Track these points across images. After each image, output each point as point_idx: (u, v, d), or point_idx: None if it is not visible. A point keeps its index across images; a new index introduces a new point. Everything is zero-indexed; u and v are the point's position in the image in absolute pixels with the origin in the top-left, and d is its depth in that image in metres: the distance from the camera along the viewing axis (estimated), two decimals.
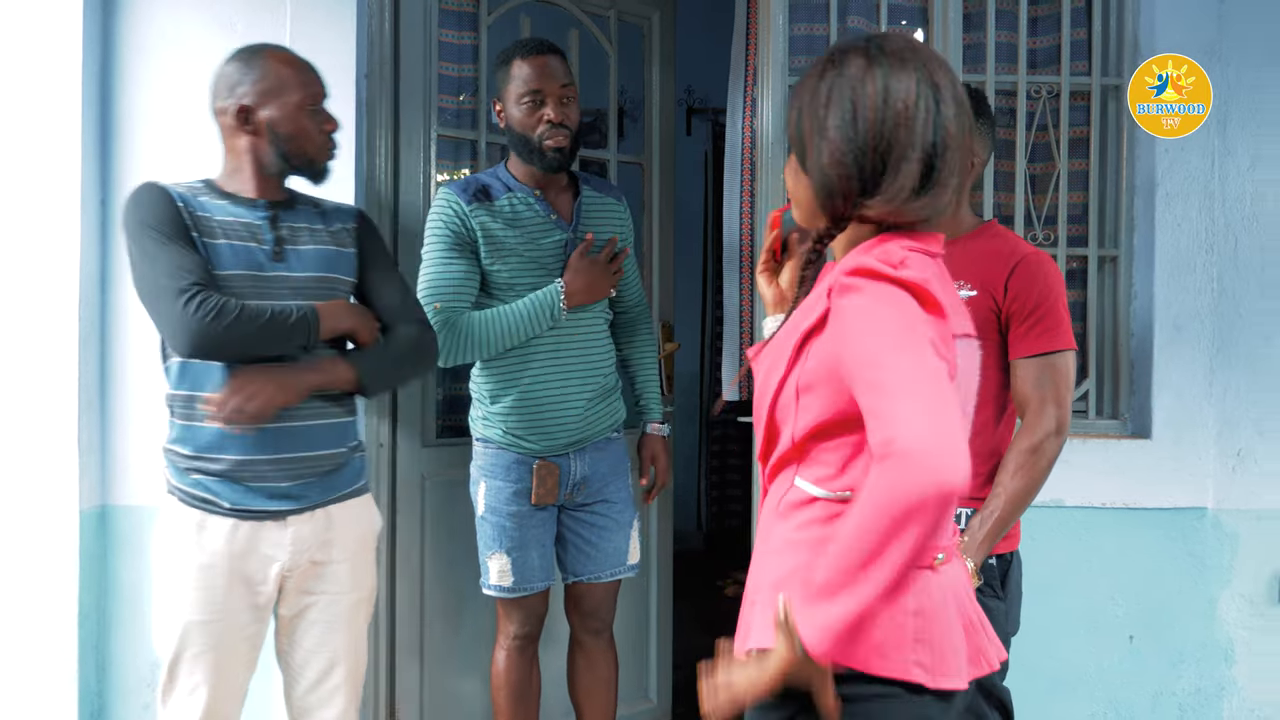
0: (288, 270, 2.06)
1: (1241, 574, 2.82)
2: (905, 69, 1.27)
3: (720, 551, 5.54)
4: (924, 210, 1.29)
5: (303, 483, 2.06)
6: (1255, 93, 2.80)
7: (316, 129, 2.08)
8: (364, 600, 2.19)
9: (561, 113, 2.43)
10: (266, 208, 2.08)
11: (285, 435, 2.02)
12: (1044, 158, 2.94)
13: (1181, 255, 2.81)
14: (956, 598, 1.33)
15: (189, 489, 2.01)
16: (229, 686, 2.05)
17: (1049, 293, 1.96)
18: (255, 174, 2.07)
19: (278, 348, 1.99)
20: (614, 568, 2.58)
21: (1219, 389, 2.81)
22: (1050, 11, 2.95)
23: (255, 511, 2.02)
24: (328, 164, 2.14)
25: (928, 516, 1.09)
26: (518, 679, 2.56)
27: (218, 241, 2.00)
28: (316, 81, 2.10)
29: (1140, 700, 2.83)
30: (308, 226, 2.12)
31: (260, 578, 2.04)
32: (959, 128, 1.29)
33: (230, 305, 1.92)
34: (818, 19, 2.91)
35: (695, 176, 5.69)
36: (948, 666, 1.27)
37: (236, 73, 2.05)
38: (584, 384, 2.50)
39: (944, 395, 1.13)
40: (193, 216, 2.00)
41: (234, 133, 2.06)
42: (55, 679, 2.60)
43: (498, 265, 2.44)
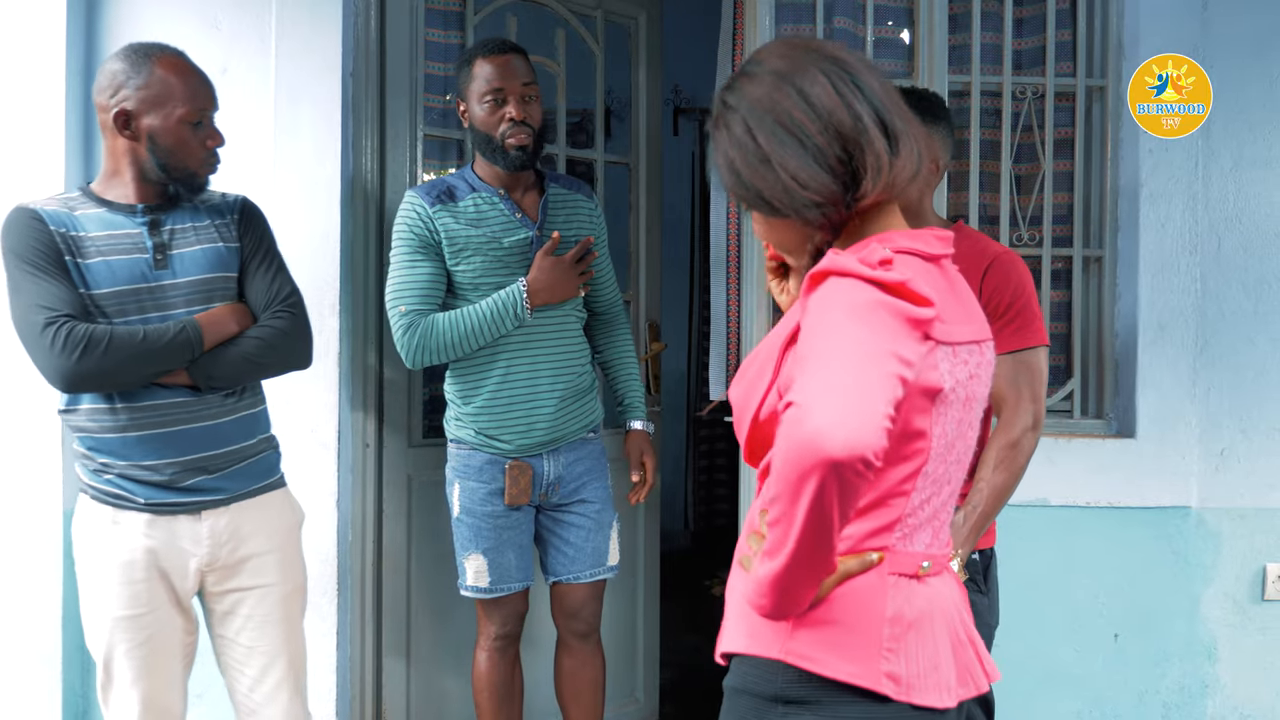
0: (173, 277, 2.02)
1: (1225, 572, 2.84)
2: (794, 64, 1.26)
3: (707, 551, 5.54)
4: (908, 167, 1.27)
5: (214, 477, 2.05)
6: (1238, 94, 2.82)
7: (199, 144, 2.02)
8: (295, 592, 2.18)
9: (524, 111, 2.43)
10: (145, 213, 2.02)
11: (193, 435, 2.02)
12: (1029, 159, 2.96)
13: (1165, 256, 2.82)
14: (945, 613, 1.29)
15: (102, 487, 2.01)
16: (165, 678, 2.06)
17: (1021, 290, 1.99)
18: (134, 179, 2.02)
19: (159, 367, 1.95)
20: (594, 568, 2.57)
21: (1202, 388, 2.82)
22: (1035, 13, 2.96)
23: (169, 505, 2.02)
24: (207, 179, 2.09)
25: (816, 478, 1.06)
26: (499, 679, 2.56)
27: (93, 261, 1.96)
28: (204, 94, 2.03)
29: (1125, 698, 2.84)
30: (192, 225, 2.07)
31: (180, 572, 2.04)
32: (886, 91, 1.27)
33: (98, 334, 1.89)
34: (804, 20, 2.92)
35: (682, 176, 5.69)
36: (925, 681, 1.23)
37: (123, 73, 1.98)
38: (555, 383, 2.49)
39: (862, 363, 1.11)
40: (67, 239, 1.95)
41: (114, 135, 2.00)
42: (39, 679, 2.58)
43: (462, 265, 2.44)
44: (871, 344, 1.13)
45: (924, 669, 1.23)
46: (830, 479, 1.06)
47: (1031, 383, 1.97)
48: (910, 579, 1.26)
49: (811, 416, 1.07)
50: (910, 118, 1.29)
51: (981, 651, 1.35)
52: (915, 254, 1.27)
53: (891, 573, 1.25)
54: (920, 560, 1.27)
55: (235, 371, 2.04)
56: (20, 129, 2.57)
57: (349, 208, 2.73)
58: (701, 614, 4.52)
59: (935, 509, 1.30)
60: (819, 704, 1.22)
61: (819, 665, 1.21)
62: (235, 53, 2.66)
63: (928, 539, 1.30)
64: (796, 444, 1.08)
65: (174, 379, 1.99)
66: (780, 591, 1.18)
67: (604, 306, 2.70)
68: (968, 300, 1.34)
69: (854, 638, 1.22)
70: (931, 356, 1.21)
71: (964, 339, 1.28)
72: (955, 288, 1.32)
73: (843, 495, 1.08)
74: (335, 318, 2.68)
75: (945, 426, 1.26)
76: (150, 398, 1.98)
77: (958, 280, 1.35)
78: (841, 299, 1.17)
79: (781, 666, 1.24)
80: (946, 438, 1.27)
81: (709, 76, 3.11)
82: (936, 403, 1.24)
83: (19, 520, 2.57)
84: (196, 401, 2.02)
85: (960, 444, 1.31)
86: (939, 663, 1.25)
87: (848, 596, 1.23)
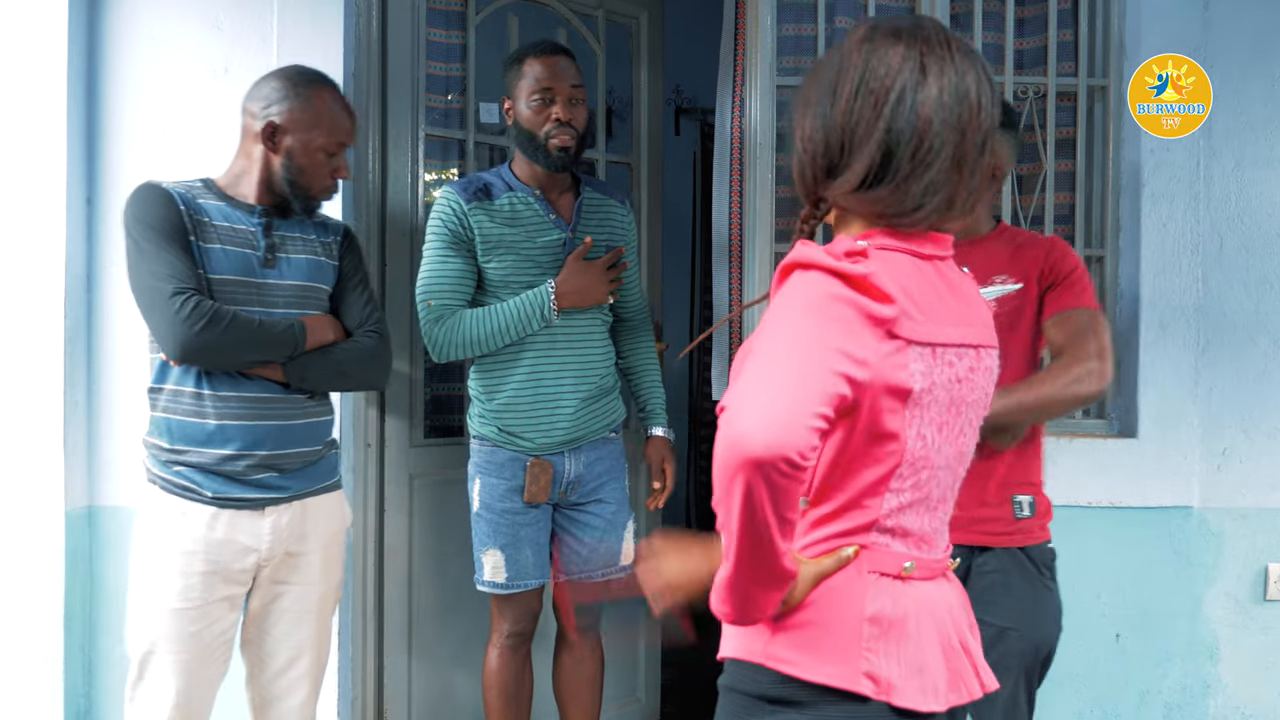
0: (278, 278, 2.11)
1: (1227, 572, 2.84)
2: (893, 48, 1.22)
3: None
4: (884, 203, 1.23)
5: (281, 475, 2.11)
6: (1240, 93, 2.82)
7: (327, 172, 2.14)
8: (331, 592, 2.24)
9: (570, 112, 2.46)
10: (262, 214, 2.12)
11: (268, 432, 2.08)
12: (1031, 158, 2.96)
13: (1167, 255, 2.82)
14: (935, 617, 1.27)
15: (170, 478, 2.05)
16: (201, 680, 2.07)
17: (1079, 264, 2.07)
18: (260, 183, 2.13)
19: (264, 356, 2.04)
20: (605, 568, 2.58)
21: (1204, 388, 2.82)
22: (1037, 13, 2.96)
23: (235, 500, 2.06)
24: (321, 204, 2.21)
25: (741, 479, 1.06)
26: (510, 678, 2.56)
27: (212, 246, 2.05)
28: (348, 130, 2.16)
29: (1126, 698, 2.84)
30: (300, 236, 2.18)
31: (239, 567, 2.08)
32: (946, 120, 1.21)
33: (222, 312, 1.97)
34: (805, 19, 2.92)
35: (684, 176, 5.69)
36: (908, 683, 1.21)
37: (281, 91, 2.11)
38: (579, 383, 2.50)
39: (795, 362, 1.10)
40: (192, 220, 2.04)
41: (254, 140, 2.11)
42: (41, 680, 2.58)
43: (493, 263, 2.45)
44: (813, 341, 1.12)
45: (907, 670, 1.22)
46: (755, 479, 1.06)
47: (1099, 337, 1.96)
48: (893, 579, 1.24)
49: (738, 418, 1.08)
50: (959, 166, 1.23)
51: (977, 658, 1.32)
52: (904, 251, 1.24)
53: (871, 571, 1.23)
54: (903, 560, 1.25)
55: (325, 377, 2.14)
56: (21, 129, 2.57)
57: (351, 208, 2.73)
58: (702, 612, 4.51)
59: (922, 516, 1.28)
60: (802, 704, 1.21)
61: (797, 668, 1.21)
62: (237, 53, 2.66)
63: (914, 543, 1.27)
64: (724, 444, 1.08)
65: (268, 372, 2.07)
66: (734, 596, 1.18)
67: (630, 313, 2.71)
68: (968, 303, 1.31)
69: (832, 638, 1.21)
70: (900, 356, 1.19)
71: (950, 341, 1.24)
72: (953, 289, 1.29)
73: (772, 496, 1.08)
74: None
75: (924, 429, 1.23)
76: (237, 388, 2.05)
77: (959, 283, 1.32)
78: (798, 295, 1.16)
79: (764, 669, 1.24)
80: (927, 441, 1.24)
81: (710, 76, 3.11)
82: (909, 404, 1.21)
83: (21, 522, 2.57)
84: (279, 399, 2.09)
85: (948, 450, 1.28)
86: (925, 665, 1.23)
87: (826, 596, 1.22)
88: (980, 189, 1.28)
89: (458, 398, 3.01)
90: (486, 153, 3.09)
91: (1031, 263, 2.05)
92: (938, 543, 1.32)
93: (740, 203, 2.98)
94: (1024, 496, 2.01)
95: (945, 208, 1.25)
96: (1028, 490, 2.03)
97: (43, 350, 2.56)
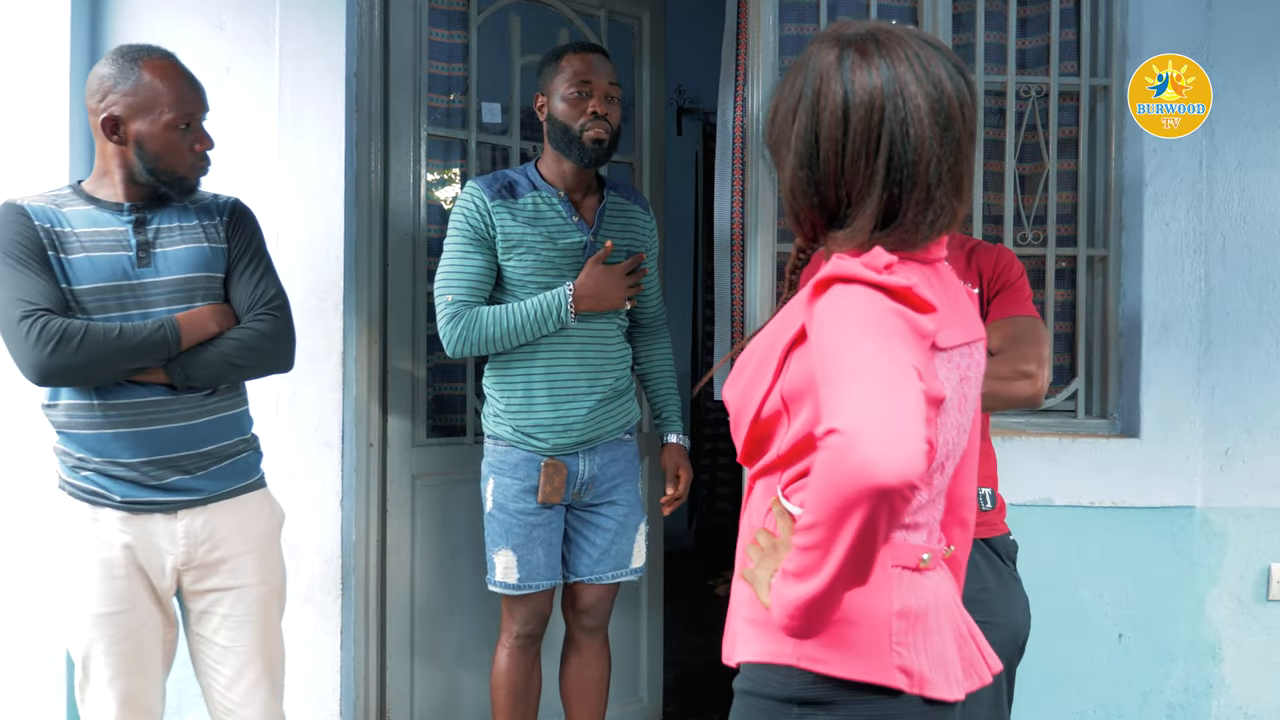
0: (155, 275, 2.03)
1: (1229, 572, 2.83)
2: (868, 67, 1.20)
3: (710, 550, 5.55)
4: (895, 243, 1.22)
5: (190, 477, 2.06)
6: (1243, 93, 2.81)
7: (186, 148, 2.03)
8: (272, 593, 2.19)
9: (606, 108, 2.47)
10: (131, 211, 2.04)
11: (167, 435, 2.03)
12: (1033, 158, 2.95)
13: (1169, 255, 2.82)
14: (947, 606, 1.29)
15: (80, 484, 2.02)
16: (144, 676, 2.06)
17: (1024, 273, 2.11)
18: (123, 180, 2.04)
19: (135, 364, 1.96)
20: (615, 569, 2.58)
21: (1207, 388, 2.82)
22: (1039, 12, 2.96)
23: (145, 503, 2.02)
24: (197, 181, 2.10)
25: (865, 507, 1.04)
26: (518, 678, 2.56)
27: (75, 256, 1.98)
28: (191, 99, 2.04)
29: (1129, 698, 2.84)
30: (179, 225, 2.08)
31: (156, 570, 2.05)
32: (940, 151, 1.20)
33: (72, 329, 1.90)
34: (807, 19, 2.92)
35: (685, 176, 5.69)
36: (936, 675, 1.22)
37: (110, 78, 1.99)
38: (594, 386, 2.51)
39: (896, 384, 1.07)
40: (51, 234, 1.97)
41: (103, 139, 2.02)
42: (42, 679, 2.59)
43: (513, 262, 2.46)
44: (896, 361, 1.09)
45: (934, 662, 1.23)
46: (881, 506, 1.04)
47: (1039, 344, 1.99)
48: (912, 571, 1.26)
49: (860, 446, 1.04)
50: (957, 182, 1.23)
51: (981, 643, 1.35)
52: (916, 260, 1.25)
53: (894, 565, 1.24)
54: (920, 553, 1.27)
55: (213, 372, 2.05)
56: (25, 129, 2.58)
57: (353, 208, 2.73)
58: (705, 613, 4.52)
59: (932, 509, 1.31)
60: (834, 704, 1.21)
61: (830, 666, 1.20)
62: (239, 53, 2.66)
63: (924, 536, 1.30)
64: (844, 474, 1.04)
65: (151, 377, 2.00)
66: (814, 613, 1.16)
67: (648, 319, 2.72)
68: (961, 302, 1.33)
69: (864, 634, 1.21)
70: (934, 365, 1.21)
71: (957, 342, 1.27)
72: (950, 291, 1.31)
73: (890, 520, 1.06)
74: (339, 317, 2.68)
75: (945, 432, 1.27)
76: (127, 395, 1.99)
77: (951, 282, 1.34)
78: (853, 310, 1.14)
79: (795, 670, 1.23)
80: (947, 445, 1.28)
81: (712, 77, 3.11)
82: (938, 409, 1.23)
83: (21, 520, 2.57)
84: (173, 400, 2.02)
85: (957, 446, 1.31)
86: (946, 655, 1.25)
87: (854, 594, 1.21)
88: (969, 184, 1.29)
89: (460, 397, 3.01)
90: (489, 153, 3.09)
91: (983, 269, 2.09)
92: (937, 532, 1.34)
93: (742, 201, 2.98)
94: (985, 489, 2.07)
95: (950, 222, 1.26)
96: (988, 483, 2.08)
97: None
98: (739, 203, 2.99)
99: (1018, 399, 1.97)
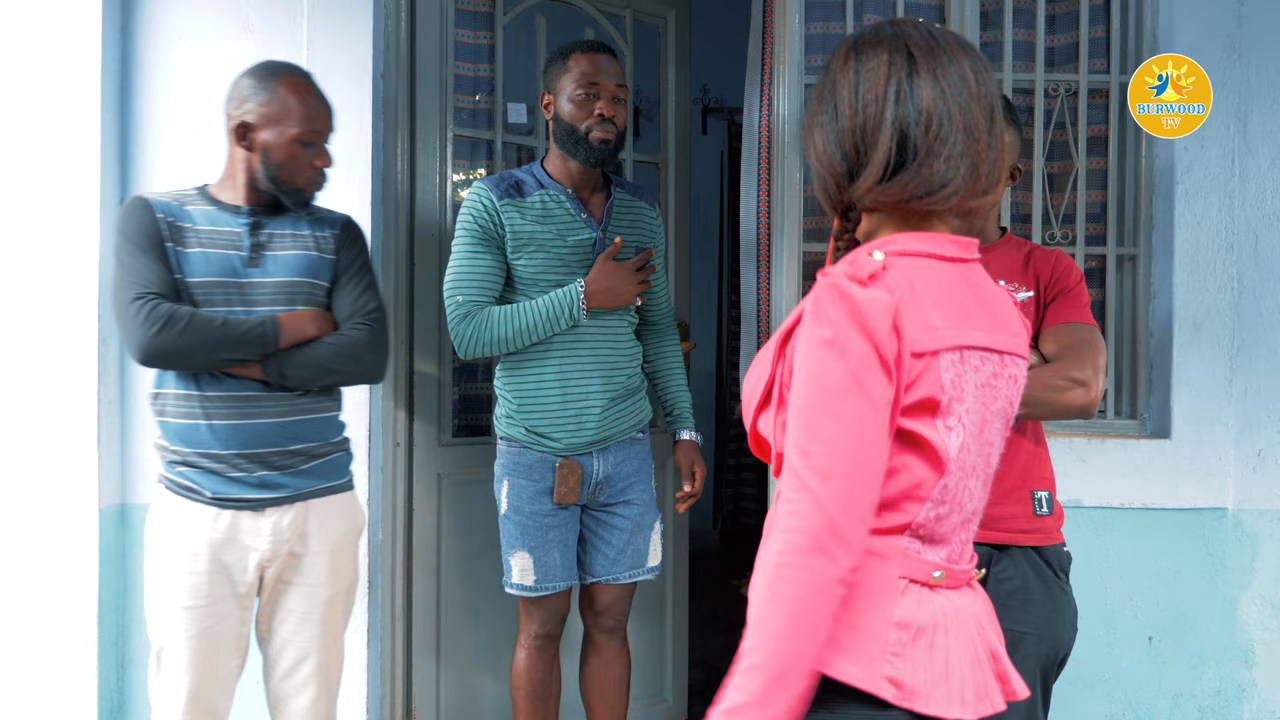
0: (263, 275, 2.12)
1: (1262, 575, 2.80)
2: (876, 52, 1.26)
3: (736, 550, 5.54)
4: (911, 184, 1.24)
5: (281, 474, 2.12)
6: (1276, 90, 2.78)
7: (306, 163, 2.13)
8: (340, 594, 2.23)
9: (613, 109, 2.47)
10: (249, 215, 2.14)
11: (260, 430, 2.09)
12: (1062, 156, 2.93)
13: (1201, 253, 2.79)
14: (963, 626, 1.26)
15: (174, 478, 2.10)
16: (215, 673, 2.11)
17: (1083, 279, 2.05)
18: (245, 184, 2.14)
19: (234, 355, 2.04)
20: (633, 569, 2.57)
21: (1239, 388, 2.79)
22: (1068, 9, 2.93)
23: (234, 500, 2.08)
24: (313, 195, 2.19)
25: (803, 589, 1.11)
26: (538, 679, 2.56)
27: (191, 250, 2.08)
28: (320, 117, 2.15)
29: (1160, 701, 2.81)
30: (292, 232, 2.17)
31: (240, 567, 2.11)
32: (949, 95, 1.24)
33: (179, 314, 1.99)
34: (834, 18, 2.91)
35: (711, 176, 5.69)
36: (932, 691, 1.20)
37: (249, 87, 2.11)
38: (607, 384, 2.50)
39: (849, 475, 1.14)
40: (172, 227, 2.07)
41: (233, 143, 2.13)
42: (75, 676, 2.62)
43: (523, 261, 2.46)
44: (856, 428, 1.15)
45: (932, 678, 1.21)
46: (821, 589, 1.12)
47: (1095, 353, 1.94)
48: (921, 586, 1.24)
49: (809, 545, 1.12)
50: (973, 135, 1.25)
51: (1007, 667, 1.32)
52: (928, 256, 1.25)
53: (902, 576, 1.23)
54: (932, 569, 1.25)
55: (307, 373, 2.12)
56: (56, 131, 2.60)
57: (380, 208, 2.75)
58: (730, 614, 4.51)
59: (955, 525, 1.27)
60: (826, 704, 1.20)
61: (824, 665, 1.19)
62: (267, 54, 2.66)
63: (944, 553, 1.27)
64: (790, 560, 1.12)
65: (248, 371, 2.08)
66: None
67: (656, 316, 2.71)
68: (995, 308, 1.30)
69: (859, 638, 1.20)
70: (932, 369, 1.19)
71: (975, 344, 1.24)
72: (978, 293, 1.29)
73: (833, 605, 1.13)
74: None
75: (956, 435, 1.23)
76: (225, 388, 2.08)
77: (985, 287, 1.31)
78: (818, 330, 1.18)
79: None
80: (960, 447, 1.24)
81: (738, 76, 3.10)
82: (940, 412, 1.20)
83: (56, 518, 2.60)
84: (268, 397, 2.10)
85: (979, 459, 1.27)
86: (950, 674, 1.22)
87: (857, 597, 1.21)
88: (1001, 161, 1.29)
89: (486, 397, 3.02)
90: (514, 153, 3.10)
91: (1040, 273, 2.05)
92: (965, 554, 1.31)
93: (768, 202, 2.97)
94: (1042, 492, 2.00)
95: (971, 178, 1.25)
96: (1045, 486, 2.02)
97: (76, 350, 2.60)
98: (765, 203, 2.99)
99: (1071, 408, 1.92)
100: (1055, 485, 2.06)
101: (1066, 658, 2.02)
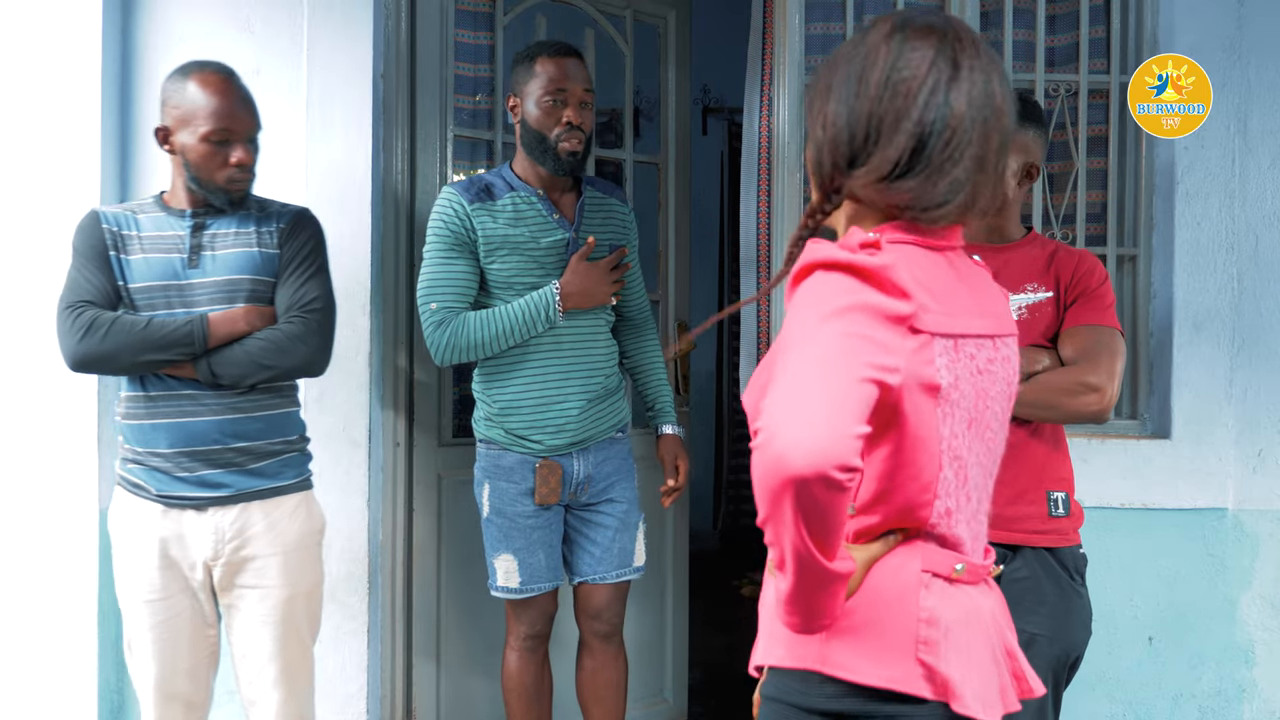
0: (201, 276, 2.12)
1: (1262, 575, 2.80)
2: (925, 42, 1.20)
3: (736, 551, 5.54)
4: (910, 195, 1.20)
5: (224, 473, 2.12)
6: (1276, 90, 2.78)
7: (222, 161, 2.09)
8: (300, 597, 2.21)
9: (580, 116, 2.44)
10: (192, 217, 2.15)
11: (204, 428, 2.11)
12: (1062, 156, 2.93)
13: (1201, 254, 2.79)
14: (982, 624, 1.25)
15: (127, 476, 2.15)
16: (177, 664, 2.15)
17: (1108, 280, 2.02)
18: (183, 188, 2.15)
19: (160, 356, 2.05)
20: (620, 569, 2.57)
21: (1239, 388, 2.79)
22: (1068, 9, 2.93)
23: (177, 499, 2.11)
24: (238, 194, 2.14)
25: (789, 498, 1.05)
26: (529, 680, 2.56)
27: (134, 257, 2.11)
28: (232, 114, 2.08)
29: (1160, 701, 2.81)
30: (235, 231, 2.16)
31: (188, 564, 2.14)
32: (975, 117, 1.19)
33: (101, 319, 2.03)
34: (834, 18, 2.91)
35: (711, 176, 5.69)
36: (966, 689, 1.18)
37: (167, 90, 2.11)
38: (585, 384, 2.50)
39: (825, 381, 1.08)
40: (117, 236, 2.11)
41: (164, 148, 2.13)
42: (75, 676, 2.62)
43: (497, 264, 2.45)
44: (841, 353, 1.10)
45: (962, 674, 1.19)
46: (802, 496, 1.05)
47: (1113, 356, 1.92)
48: (944, 580, 1.23)
49: (775, 438, 1.06)
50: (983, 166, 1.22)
51: (1023, 664, 1.30)
52: (915, 243, 1.23)
53: (925, 570, 1.22)
54: (954, 562, 1.23)
55: (238, 370, 2.09)
56: (57, 132, 2.61)
57: (380, 208, 2.75)
58: (730, 614, 4.51)
59: (966, 518, 1.26)
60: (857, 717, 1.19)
61: (854, 673, 1.18)
62: (267, 55, 2.68)
63: (960, 547, 1.26)
64: (764, 466, 1.07)
65: (180, 371, 2.09)
66: (800, 607, 1.17)
67: (633, 312, 2.70)
68: (983, 294, 1.30)
69: (888, 639, 1.18)
70: (926, 351, 1.17)
71: (969, 331, 1.23)
72: (965, 280, 1.28)
73: (819, 512, 1.07)
74: (366, 318, 2.70)
75: (956, 426, 1.22)
76: (168, 387, 2.11)
77: (972, 273, 1.30)
78: (814, 304, 1.14)
79: (818, 677, 1.20)
80: (960, 438, 1.23)
81: (738, 76, 3.10)
82: (940, 401, 1.19)
83: (57, 518, 2.60)
84: (208, 395, 2.11)
85: (979, 446, 1.26)
86: (976, 671, 1.21)
87: (880, 597, 1.20)
88: (1000, 192, 1.26)
89: None
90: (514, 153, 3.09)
91: (1061, 274, 2.01)
92: (979, 547, 1.30)
93: (768, 205, 2.97)
94: (1059, 493, 1.97)
95: (967, 206, 1.23)
96: (1062, 487, 1.99)
97: None
98: (764, 208, 2.99)
99: (1083, 414, 1.90)
100: (1074, 486, 2.04)
101: (1079, 661, 2.00)
